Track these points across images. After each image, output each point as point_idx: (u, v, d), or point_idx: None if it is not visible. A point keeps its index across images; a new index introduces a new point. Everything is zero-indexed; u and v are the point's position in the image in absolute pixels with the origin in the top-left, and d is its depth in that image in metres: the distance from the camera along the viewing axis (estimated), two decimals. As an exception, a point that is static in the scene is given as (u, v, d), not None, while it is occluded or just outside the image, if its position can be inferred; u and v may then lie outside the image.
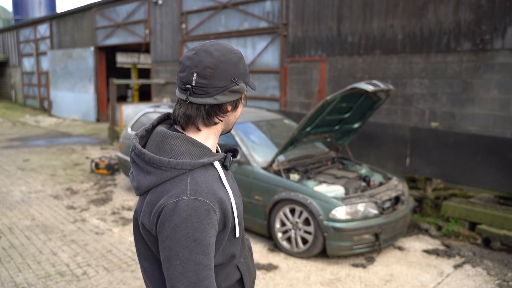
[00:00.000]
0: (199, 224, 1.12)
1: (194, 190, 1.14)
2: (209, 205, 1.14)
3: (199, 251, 1.12)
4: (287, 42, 8.71)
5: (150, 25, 12.57)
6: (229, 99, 1.22)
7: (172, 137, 1.22)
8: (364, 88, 4.17)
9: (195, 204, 1.12)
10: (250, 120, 5.37)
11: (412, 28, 6.71)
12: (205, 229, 1.13)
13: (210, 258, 1.15)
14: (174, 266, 1.13)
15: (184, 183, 1.16)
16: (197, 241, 1.12)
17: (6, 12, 30.90)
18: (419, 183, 5.77)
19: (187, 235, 1.11)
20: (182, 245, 1.12)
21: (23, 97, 21.79)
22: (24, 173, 7.68)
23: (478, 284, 3.84)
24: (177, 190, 1.14)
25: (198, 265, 1.12)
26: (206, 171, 1.21)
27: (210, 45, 1.22)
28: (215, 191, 1.18)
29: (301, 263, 4.22)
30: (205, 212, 1.13)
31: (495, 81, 5.89)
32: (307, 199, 4.16)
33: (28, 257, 4.21)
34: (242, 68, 1.23)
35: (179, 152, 1.20)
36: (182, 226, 1.11)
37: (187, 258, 1.12)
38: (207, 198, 1.15)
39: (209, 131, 1.27)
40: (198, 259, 1.12)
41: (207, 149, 1.25)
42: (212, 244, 1.15)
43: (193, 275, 1.12)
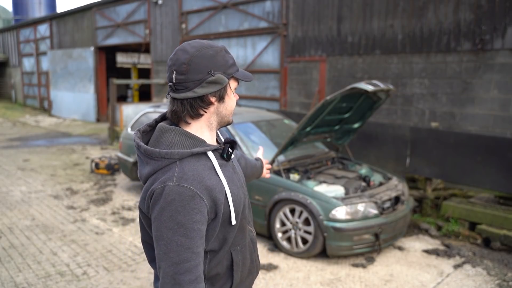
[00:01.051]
0: (182, 208, 1.20)
1: (180, 177, 1.23)
2: (193, 191, 1.22)
3: (181, 234, 1.20)
4: (287, 42, 8.71)
5: (150, 25, 12.57)
6: (209, 91, 1.29)
7: (167, 130, 1.32)
8: (364, 88, 4.17)
9: (179, 190, 1.21)
10: (250, 120, 5.37)
11: (412, 28, 6.71)
12: (188, 214, 1.20)
13: (194, 242, 1.22)
14: (160, 246, 1.22)
15: (172, 171, 1.25)
16: (180, 224, 1.20)
17: (6, 12, 30.90)
18: (419, 183, 5.77)
19: (171, 217, 1.20)
20: (166, 227, 1.20)
21: (23, 97, 21.79)
22: (24, 173, 7.68)
23: (478, 284, 3.84)
24: (165, 176, 1.24)
25: (180, 246, 1.20)
26: (197, 160, 1.29)
27: (187, 44, 1.31)
28: (203, 179, 1.26)
29: (301, 263, 4.22)
30: (189, 197, 1.21)
31: (495, 81, 5.89)
32: (307, 199, 4.16)
33: (28, 257, 4.21)
34: (220, 60, 1.30)
35: (171, 143, 1.29)
36: (167, 209, 1.20)
37: (170, 239, 1.20)
38: (192, 185, 1.22)
39: (199, 123, 1.36)
40: (181, 241, 1.20)
41: (200, 141, 1.33)
42: (196, 230, 1.22)
43: (175, 255, 1.20)
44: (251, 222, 1.56)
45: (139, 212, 1.35)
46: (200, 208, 1.22)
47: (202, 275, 1.26)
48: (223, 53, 1.32)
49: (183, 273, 1.21)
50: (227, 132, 5.04)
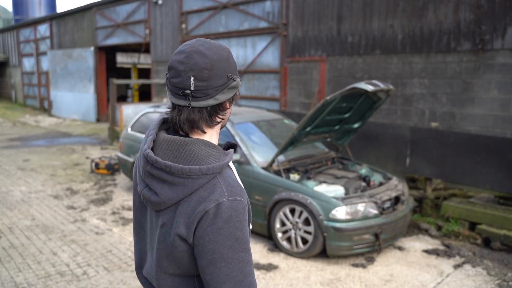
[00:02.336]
0: (239, 223, 1.14)
1: (230, 191, 1.16)
2: (244, 203, 1.17)
3: (241, 249, 1.14)
4: (287, 42, 8.71)
5: (150, 25, 12.57)
6: (228, 96, 1.21)
7: (189, 143, 1.19)
8: (364, 88, 4.17)
9: (234, 205, 1.14)
10: (250, 120, 5.37)
11: (412, 28, 6.71)
12: (244, 227, 1.16)
13: (250, 254, 1.18)
14: (219, 269, 1.13)
15: (218, 186, 1.16)
16: (239, 240, 1.14)
17: (6, 12, 30.89)
18: (419, 183, 5.77)
19: (229, 235, 1.12)
20: (226, 246, 1.12)
21: (23, 97, 21.79)
22: (24, 173, 7.68)
23: (478, 284, 3.84)
24: (214, 194, 1.14)
25: (241, 262, 1.14)
26: (228, 170, 1.23)
27: (200, 45, 1.18)
28: (242, 188, 1.22)
29: (301, 263, 4.22)
30: (243, 210, 1.16)
31: (495, 81, 5.89)
32: (307, 199, 4.16)
33: (28, 257, 4.21)
34: (232, 62, 1.22)
35: (201, 156, 1.18)
36: (224, 228, 1.12)
37: (231, 258, 1.13)
38: (242, 196, 1.18)
39: (212, 131, 1.26)
40: (242, 257, 1.14)
41: (220, 149, 1.25)
42: (249, 240, 1.18)
43: (238, 273, 1.14)
44: None
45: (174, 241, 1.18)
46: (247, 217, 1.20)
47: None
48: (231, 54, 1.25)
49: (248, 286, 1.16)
50: (227, 131, 5.04)
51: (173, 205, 1.17)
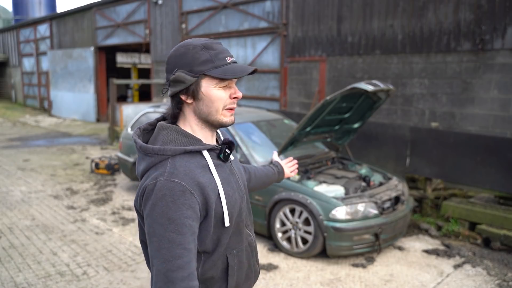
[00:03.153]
0: (173, 204, 1.19)
1: (171, 173, 1.22)
2: (184, 186, 1.21)
3: (172, 229, 1.18)
4: (287, 42, 8.71)
5: (150, 25, 12.57)
6: (176, 89, 1.29)
7: (164, 128, 1.33)
8: (364, 88, 4.17)
9: (170, 185, 1.20)
10: (250, 120, 5.37)
11: (412, 28, 6.71)
12: (179, 209, 1.19)
13: (185, 238, 1.20)
14: (152, 243, 1.21)
15: (164, 167, 1.25)
16: (171, 220, 1.18)
17: (6, 12, 30.89)
18: (419, 183, 5.77)
19: (162, 213, 1.19)
20: (158, 223, 1.19)
21: (23, 97, 21.79)
22: (24, 173, 7.68)
23: (478, 284, 3.84)
24: (157, 173, 1.24)
25: (171, 243, 1.18)
26: (191, 158, 1.29)
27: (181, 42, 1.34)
28: (194, 175, 1.25)
29: (301, 263, 4.22)
30: (180, 193, 1.20)
31: (495, 81, 5.89)
32: (307, 199, 4.16)
33: (28, 257, 4.21)
34: (189, 58, 1.27)
35: (167, 140, 1.30)
36: (158, 205, 1.19)
37: (162, 236, 1.19)
38: (183, 180, 1.22)
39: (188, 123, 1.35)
40: (172, 237, 1.18)
41: (196, 140, 1.33)
42: (188, 226, 1.20)
43: (166, 252, 1.18)
44: (250, 226, 1.51)
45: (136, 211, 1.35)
46: (191, 203, 1.21)
47: (195, 273, 1.23)
48: (196, 50, 1.28)
49: (175, 270, 1.18)
50: (227, 131, 5.05)
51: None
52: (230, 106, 1.35)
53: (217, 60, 1.29)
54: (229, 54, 1.32)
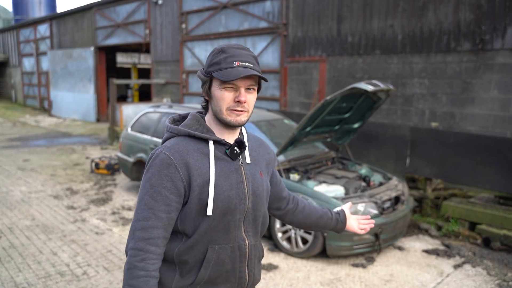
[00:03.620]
0: (157, 172, 1.33)
1: (168, 147, 1.37)
2: (171, 160, 1.33)
3: (150, 194, 1.32)
4: (287, 42, 8.71)
5: (150, 25, 12.57)
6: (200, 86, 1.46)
7: (191, 116, 1.48)
8: (364, 88, 4.17)
9: (162, 156, 1.34)
10: (250, 120, 5.37)
11: (412, 28, 6.71)
12: (160, 178, 1.32)
13: (157, 205, 1.31)
14: (137, 202, 1.37)
15: (168, 142, 1.41)
16: (151, 185, 1.33)
17: (6, 12, 30.89)
18: (419, 183, 5.77)
19: (148, 179, 1.35)
20: (143, 186, 1.36)
21: (23, 97, 21.79)
22: (24, 173, 7.68)
23: (478, 284, 3.84)
24: (162, 146, 1.41)
25: (146, 205, 1.32)
26: (194, 142, 1.41)
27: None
28: (186, 155, 1.36)
29: (301, 263, 4.22)
30: (166, 165, 1.33)
31: (495, 81, 5.89)
32: (307, 199, 4.16)
33: (28, 257, 4.21)
34: (209, 60, 1.41)
35: (185, 124, 1.45)
36: (148, 171, 1.36)
37: (141, 197, 1.34)
38: (173, 155, 1.34)
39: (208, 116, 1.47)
40: (147, 200, 1.32)
41: (207, 129, 1.44)
42: (163, 195, 1.32)
43: (139, 212, 1.33)
44: (250, 233, 1.47)
45: None
46: (173, 178, 1.32)
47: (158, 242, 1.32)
48: (215, 52, 1.40)
49: (139, 229, 1.31)
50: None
51: None
52: (232, 108, 1.38)
53: (224, 63, 1.36)
54: (241, 59, 1.38)
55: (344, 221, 1.83)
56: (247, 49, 1.43)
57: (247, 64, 1.38)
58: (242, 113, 1.40)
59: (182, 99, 11.56)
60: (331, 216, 1.80)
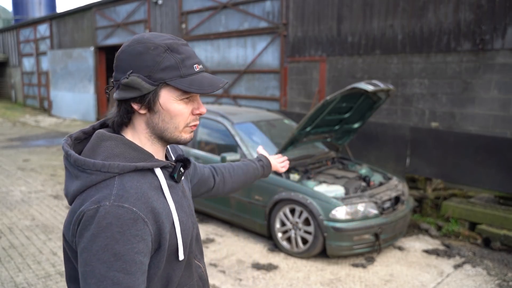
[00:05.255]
0: (121, 235, 0.93)
1: (120, 196, 0.97)
2: (136, 213, 0.96)
3: (118, 268, 0.93)
4: (287, 42, 8.71)
5: (150, 25, 12.57)
6: (126, 96, 1.03)
7: (108, 138, 1.05)
8: (364, 88, 4.17)
9: (118, 212, 0.94)
10: (250, 120, 5.37)
11: (412, 28, 6.71)
12: (128, 242, 0.94)
13: (135, 279, 0.95)
14: (88, 285, 0.93)
15: (110, 187, 0.98)
16: (118, 256, 0.93)
17: (6, 12, 30.90)
18: (419, 183, 5.77)
19: (105, 247, 0.92)
20: (99, 260, 0.92)
21: (23, 97, 21.79)
22: (24, 173, 7.68)
23: (478, 284, 3.84)
24: (100, 195, 0.97)
25: (116, 285, 0.92)
26: (142, 177, 1.04)
27: (137, 35, 1.10)
28: (148, 199, 1.00)
29: (301, 263, 4.22)
30: (131, 221, 0.95)
31: (495, 81, 5.89)
32: (307, 199, 4.16)
33: (28, 257, 4.21)
34: (148, 60, 1.02)
35: (111, 154, 1.03)
36: (101, 237, 0.93)
37: (103, 276, 0.92)
38: (135, 205, 0.97)
39: (136, 134, 1.10)
40: (117, 278, 0.93)
41: (148, 155, 1.07)
42: (139, 262, 0.96)
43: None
44: (199, 256, 1.27)
45: (64, 242, 1.05)
46: (144, 235, 0.96)
47: None
48: (158, 51, 1.03)
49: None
50: (227, 131, 5.05)
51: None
52: (193, 123, 1.11)
53: (184, 68, 1.04)
54: (198, 60, 1.08)
55: (269, 164, 1.81)
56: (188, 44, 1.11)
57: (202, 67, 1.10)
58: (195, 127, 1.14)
59: (182, 99, 11.56)
60: (256, 165, 1.75)
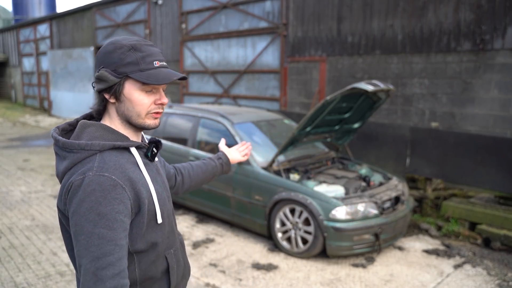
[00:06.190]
0: (103, 199, 1.14)
1: (100, 167, 1.18)
2: (115, 180, 1.17)
3: (103, 225, 1.13)
4: (287, 42, 8.71)
5: (150, 25, 12.57)
6: (100, 87, 1.27)
7: (89, 125, 1.28)
8: (364, 88, 4.17)
9: (100, 179, 1.16)
10: (250, 120, 5.37)
11: (412, 28, 6.71)
12: (109, 203, 1.15)
13: (117, 234, 1.15)
14: (79, 242, 1.14)
15: (92, 162, 1.20)
16: (101, 215, 1.13)
17: (6, 12, 30.90)
18: (419, 183, 5.77)
19: (91, 209, 1.13)
20: (86, 219, 1.13)
21: (23, 97, 21.79)
22: (24, 173, 7.68)
23: (478, 284, 3.84)
24: (84, 168, 1.19)
25: (101, 239, 1.13)
26: (120, 154, 1.26)
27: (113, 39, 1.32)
28: (125, 170, 1.22)
29: (301, 263, 4.22)
30: (111, 187, 1.16)
31: (495, 81, 5.89)
32: (307, 199, 4.16)
33: (28, 257, 4.21)
34: (115, 57, 1.25)
35: (93, 137, 1.25)
36: (86, 200, 1.14)
37: (91, 232, 1.13)
38: (114, 174, 1.18)
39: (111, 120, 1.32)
40: (102, 233, 1.13)
41: (124, 137, 1.30)
42: (119, 221, 1.16)
43: (96, 249, 1.13)
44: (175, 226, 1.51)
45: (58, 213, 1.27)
46: (123, 198, 1.18)
47: (127, 271, 1.18)
48: (123, 50, 1.25)
49: (105, 268, 1.13)
50: (227, 131, 5.05)
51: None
52: (155, 111, 1.31)
53: (143, 64, 1.25)
54: (159, 58, 1.29)
55: (228, 162, 1.95)
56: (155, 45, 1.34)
57: (164, 64, 1.30)
58: (159, 115, 1.34)
59: (182, 99, 11.56)
60: (215, 164, 1.90)
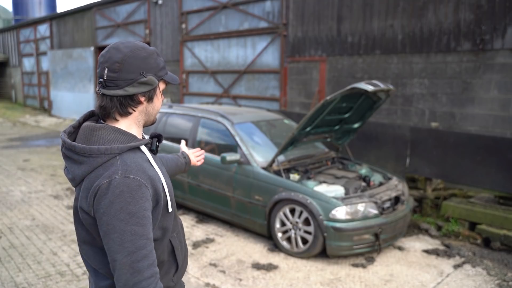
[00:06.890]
0: (131, 199, 1.24)
1: (125, 170, 1.27)
2: (140, 181, 1.27)
3: (134, 223, 1.24)
4: (287, 42, 8.71)
5: (150, 25, 12.57)
6: (140, 90, 1.35)
7: (99, 128, 1.34)
8: (364, 88, 4.17)
9: (126, 182, 1.25)
10: (250, 120, 5.37)
11: (412, 28, 6.71)
12: (138, 203, 1.25)
13: (147, 229, 1.27)
14: (112, 240, 1.24)
15: (115, 165, 1.28)
16: (131, 214, 1.24)
17: (6, 12, 30.89)
18: (419, 183, 5.77)
19: (121, 209, 1.23)
20: (117, 219, 1.23)
21: (23, 97, 21.79)
22: (24, 173, 7.68)
23: (478, 284, 3.84)
24: (109, 172, 1.27)
25: (134, 235, 1.24)
26: (135, 154, 1.35)
27: (121, 43, 1.37)
28: (145, 170, 1.32)
29: (301, 263, 4.22)
30: (137, 187, 1.26)
31: (495, 81, 5.89)
32: (307, 199, 4.16)
33: (28, 257, 4.21)
34: (153, 62, 1.37)
35: (107, 140, 1.32)
36: (116, 202, 1.23)
37: (123, 230, 1.23)
38: (138, 175, 1.28)
39: (128, 121, 1.40)
40: (134, 230, 1.24)
41: (133, 136, 1.39)
42: (147, 217, 1.27)
43: (130, 245, 1.23)
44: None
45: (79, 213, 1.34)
46: (147, 196, 1.28)
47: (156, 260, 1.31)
48: (155, 56, 1.39)
49: (141, 260, 1.25)
50: (227, 131, 5.05)
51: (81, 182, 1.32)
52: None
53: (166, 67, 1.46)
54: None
55: (189, 163, 2.11)
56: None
57: None
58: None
59: (182, 99, 11.56)
60: (183, 161, 2.05)
